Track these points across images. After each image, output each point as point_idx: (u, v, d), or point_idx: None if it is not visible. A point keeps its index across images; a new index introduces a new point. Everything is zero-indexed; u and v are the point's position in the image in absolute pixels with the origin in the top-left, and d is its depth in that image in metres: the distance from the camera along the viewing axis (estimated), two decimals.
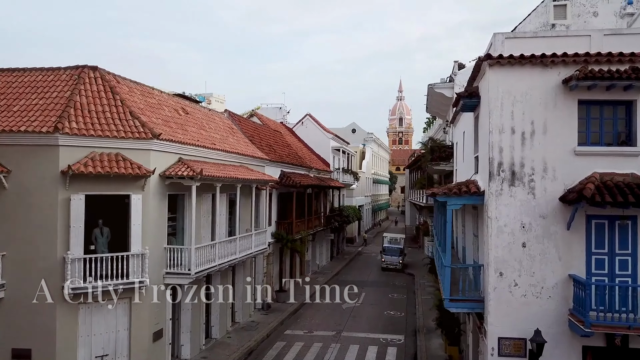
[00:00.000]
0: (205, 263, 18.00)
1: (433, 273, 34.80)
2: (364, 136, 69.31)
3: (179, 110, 20.96)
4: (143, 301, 16.04)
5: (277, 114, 44.37)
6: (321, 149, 43.67)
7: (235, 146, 23.37)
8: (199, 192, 18.65)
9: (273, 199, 27.99)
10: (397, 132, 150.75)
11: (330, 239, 41.78)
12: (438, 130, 34.97)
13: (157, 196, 16.61)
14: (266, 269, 27.25)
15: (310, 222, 32.65)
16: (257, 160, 25.26)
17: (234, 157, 22.45)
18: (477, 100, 13.81)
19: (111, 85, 17.00)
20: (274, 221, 28.32)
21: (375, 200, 75.62)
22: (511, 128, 12.13)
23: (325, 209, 39.24)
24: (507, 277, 12.04)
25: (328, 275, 36.45)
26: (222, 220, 21.13)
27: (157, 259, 16.65)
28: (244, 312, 23.99)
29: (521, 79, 12.11)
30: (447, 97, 26.07)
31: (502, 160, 12.14)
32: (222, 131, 24.17)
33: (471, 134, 15.84)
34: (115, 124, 15.87)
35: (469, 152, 16.50)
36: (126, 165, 15.29)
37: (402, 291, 31.95)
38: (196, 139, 19.48)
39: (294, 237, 28.11)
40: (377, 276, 37.37)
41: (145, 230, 16.04)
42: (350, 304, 28.12)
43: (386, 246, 40.21)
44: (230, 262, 20.16)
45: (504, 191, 12.13)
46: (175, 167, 17.13)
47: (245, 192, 23.02)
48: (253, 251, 22.53)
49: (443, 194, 12.96)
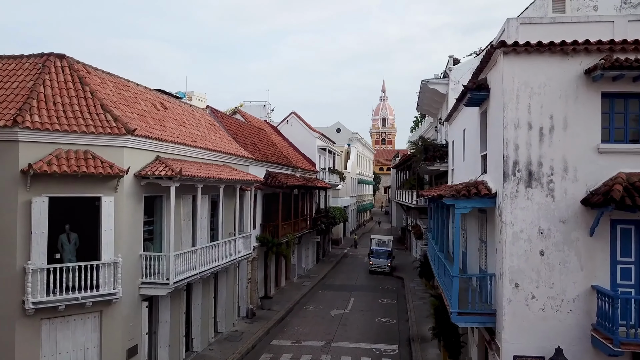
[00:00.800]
0: (185, 271, 16.47)
1: (424, 277, 33.78)
2: (348, 136, 68.19)
3: (157, 105, 19.36)
4: (115, 315, 14.45)
5: (261, 112, 42.83)
6: (307, 148, 42.28)
7: (217, 144, 21.84)
8: (179, 194, 17.11)
9: (258, 200, 26.51)
10: (380, 133, 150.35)
11: (316, 242, 40.42)
12: (428, 129, 33.90)
13: (131, 198, 15.03)
14: (250, 274, 25.75)
15: (296, 224, 31.24)
16: (241, 159, 23.76)
17: (216, 155, 20.93)
18: (486, 93, 12.61)
19: (80, 76, 15.35)
20: (259, 224, 26.83)
21: (360, 200, 74.55)
22: (528, 123, 10.93)
23: (311, 210, 37.87)
24: (524, 289, 10.84)
25: (314, 279, 35.08)
26: (204, 224, 19.61)
27: (131, 268, 15.07)
28: (227, 321, 22.47)
29: (539, 68, 10.93)
30: (440, 94, 24.95)
31: (518, 159, 10.93)
32: (204, 128, 22.61)
33: (475, 130, 14.64)
34: (84, 117, 14.24)
35: (472, 151, 15.31)
36: (96, 164, 13.69)
37: (392, 296, 30.76)
38: (175, 135, 17.92)
39: (279, 240, 26.67)
40: (366, 280, 36.14)
41: (118, 236, 14.45)
42: (339, 310, 26.80)
43: (374, 248, 39.01)
44: (212, 270, 18.65)
45: (520, 193, 10.92)
46: (152, 166, 15.57)
47: (229, 194, 21.52)
48: (237, 257, 21.03)
49: (451, 196, 11.70)
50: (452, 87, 23.62)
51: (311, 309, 27.21)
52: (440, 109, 28.02)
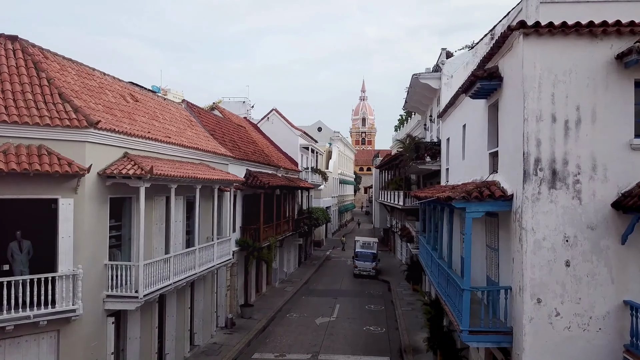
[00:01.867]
0: (157, 282, 14.70)
1: (411, 281, 32.55)
2: (330, 135, 66.75)
3: (127, 97, 17.50)
4: (75, 334, 12.62)
5: (240, 109, 40.98)
6: (289, 146, 40.63)
7: (194, 141, 20.07)
8: (150, 195, 15.34)
9: (238, 201, 24.79)
10: (360, 132, 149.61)
11: (298, 244, 38.80)
12: (416, 127, 32.63)
13: (95, 200, 13.21)
14: (230, 281, 24.02)
15: (278, 226, 29.58)
16: (220, 157, 22.02)
17: (192, 153, 19.16)
18: (497, 83, 11.22)
19: (35, 60, 13.45)
20: (239, 227, 25.11)
21: (341, 201, 73.20)
22: (552, 115, 9.57)
23: (293, 211, 36.24)
24: (547, 305, 9.47)
25: (297, 284, 33.47)
26: (179, 228, 17.84)
27: (95, 279, 13.25)
28: (205, 333, 20.70)
29: (564, 53, 9.58)
30: (432, 89, 23.64)
31: (540, 156, 9.57)
32: (179, 123, 20.80)
33: (481, 125, 13.28)
34: (38, 108, 12.37)
35: (476, 148, 13.95)
36: (52, 161, 11.84)
37: (379, 301, 29.35)
38: (147, 130, 16.11)
39: (261, 244, 24.98)
40: (350, 284, 34.68)
41: (79, 243, 12.62)
42: (325, 318, 25.26)
43: (359, 251, 37.58)
44: (188, 279, 16.90)
45: (543, 195, 9.55)
46: (119, 164, 13.77)
47: (206, 195, 19.78)
48: (215, 264, 19.30)
49: (462, 198, 10.27)
50: (445, 81, 22.32)
51: (295, 317, 25.61)
52: (430, 105, 26.76)
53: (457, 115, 17.46)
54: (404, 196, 31.17)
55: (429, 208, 18.51)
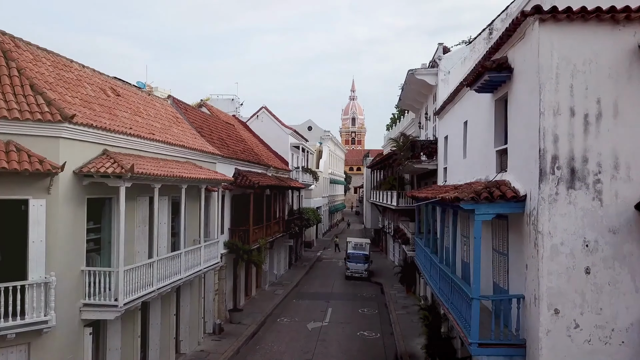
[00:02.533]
0: (139, 289, 13.69)
1: (405, 283, 31.76)
2: (320, 134, 65.97)
3: (107, 91, 16.44)
4: (48, 346, 11.57)
5: (229, 106, 39.88)
6: (279, 145, 39.65)
7: (180, 138, 19.04)
8: (132, 195, 14.34)
9: (226, 202, 23.79)
10: (350, 132, 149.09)
11: (289, 245, 37.85)
12: (410, 126, 31.84)
13: (70, 201, 12.17)
14: (218, 285, 23.02)
15: (268, 228, 28.60)
16: (207, 155, 21.01)
17: (178, 150, 18.15)
18: (507, 74, 10.41)
19: (5, 49, 12.36)
20: (228, 228, 24.11)
21: (332, 201, 72.35)
22: (570, 109, 8.76)
23: (283, 212, 35.30)
24: (565, 316, 8.66)
25: (288, 287, 32.52)
26: (163, 231, 16.82)
27: (70, 287, 12.21)
28: (192, 340, 19.68)
29: (583, 41, 8.78)
30: (428, 85, 22.83)
31: (558, 153, 8.75)
32: (164, 120, 19.76)
33: (486, 121, 12.47)
34: (6, 100, 11.30)
35: (480, 146, 13.14)
36: (21, 158, 10.80)
37: (373, 305, 28.51)
38: (128, 126, 15.08)
39: (250, 247, 24.00)
40: (342, 286, 33.81)
41: (52, 248, 11.58)
42: (317, 323, 24.36)
43: (351, 252, 36.71)
44: (173, 284, 15.89)
45: (560, 196, 8.74)
46: (97, 162, 12.73)
47: (193, 195, 18.78)
48: (202, 268, 18.30)
49: (470, 199, 9.42)
50: (442, 77, 21.53)
51: (286, 321, 24.67)
52: (425, 103, 25.97)
53: (457, 112, 16.66)
54: (397, 196, 30.38)
55: (427, 209, 17.70)
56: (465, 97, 15.27)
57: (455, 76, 21.34)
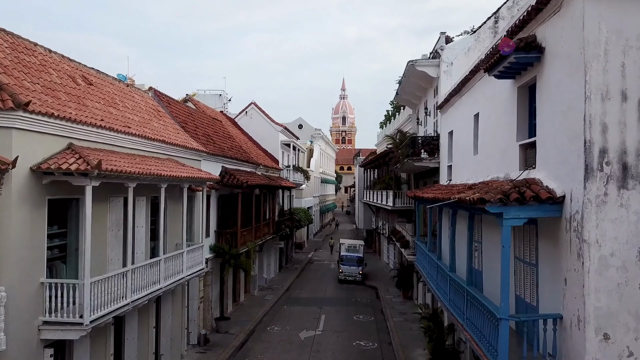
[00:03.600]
0: (110, 302, 12.01)
1: (401, 287, 30.31)
2: (311, 132, 64.36)
3: (77, 79, 14.71)
4: None
5: (217, 102, 38.11)
6: (269, 143, 38.01)
7: (161, 133, 17.36)
8: (104, 196, 12.67)
9: (212, 202, 22.13)
10: (340, 131, 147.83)
11: (279, 247, 36.22)
12: (406, 122, 30.38)
13: (26, 203, 10.47)
14: (203, 292, 21.35)
15: (258, 230, 26.96)
16: (191, 152, 19.34)
17: (158, 146, 16.47)
18: (536, 55, 8.93)
19: None
20: (214, 231, 22.44)
21: (323, 201, 70.80)
22: (622, 92, 7.30)
23: (274, 213, 33.67)
24: (616, 342, 7.20)
25: (278, 291, 30.90)
26: (141, 235, 15.14)
27: (27, 302, 10.50)
28: (174, 353, 18.00)
29: (637, 10, 7.31)
30: (429, 78, 21.36)
31: (607, 146, 7.28)
32: (144, 113, 18.05)
33: (504, 112, 11.00)
34: None
35: (496, 140, 11.67)
36: None
37: (368, 311, 26.98)
38: (99, 117, 13.38)
39: (238, 250, 22.35)
40: (336, 290, 32.25)
41: (3, 257, 9.88)
42: (310, 332, 22.78)
43: (344, 255, 35.16)
44: (151, 295, 14.22)
45: (610, 197, 7.27)
46: (60, 158, 11.03)
47: (175, 195, 17.13)
48: (185, 275, 16.64)
49: (498, 200, 7.91)
50: (445, 69, 20.06)
51: (276, 330, 23.06)
52: (424, 97, 24.50)
53: (466, 104, 15.20)
54: (393, 196, 28.93)
55: (432, 211, 16.22)
56: (476, 87, 13.81)
57: (459, 67, 19.89)
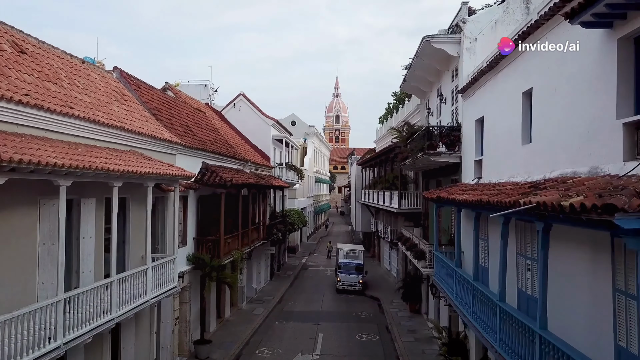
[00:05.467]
0: (32, 347, 8.57)
1: (408, 300, 27.02)
2: (304, 129, 60.97)
3: (3, 44, 11.22)
4: None
5: (202, 93, 34.62)
6: (259, 138, 34.57)
7: (121, 118, 13.91)
8: (31, 198, 9.24)
9: (190, 205, 18.69)
10: (334, 130, 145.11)
11: (270, 253, 32.78)
12: (414, 113, 27.07)
13: None
14: (179, 312, 17.91)
15: (246, 236, 23.55)
16: (163, 144, 15.94)
17: (115, 134, 13.06)
18: None
19: None
20: (193, 238, 19.01)
21: (317, 201, 67.43)
22: None
23: (264, 215, 30.26)
24: None
25: (269, 304, 27.48)
26: (89, 249, 11.68)
27: None
28: None
29: None
30: (447, 58, 18.11)
31: None
32: (101, 94, 14.61)
33: (593, 78, 7.71)
34: None
35: (571, 120, 8.38)
36: None
37: (372, 328, 23.63)
38: (24, 92, 9.92)
39: (221, 261, 18.91)
40: (334, 302, 28.86)
41: None
42: (306, 356, 19.39)
43: (342, 262, 31.78)
44: (99, 330, 10.77)
45: None
46: None
47: (139, 196, 13.69)
48: (150, 298, 13.20)
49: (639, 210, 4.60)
50: (467, 46, 16.79)
51: (267, 353, 19.65)
52: (437, 83, 21.21)
53: (506, 81, 11.92)
54: (399, 197, 25.65)
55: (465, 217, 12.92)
56: (526, 57, 10.53)
57: (484, 45, 16.68)
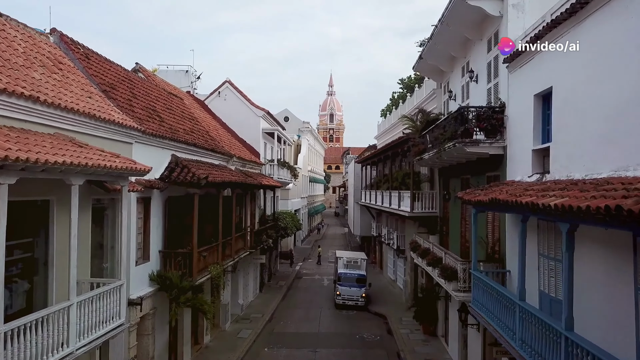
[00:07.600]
0: None
1: (422, 320, 23.17)
2: (298, 126, 56.96)
3: None
4: None
5: (183, 80, 30.49)
6: (247, 131, 30.49)
7: (40, 88, 9.84)
8: None
9: (154, 209, 14.62)
10: (328, 129, 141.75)
11: (260, 263, 28.71)
12: (430, 99, 23.12)
13: None
14: (137, 347, 13.84)
15: (228, 246, 19.49)
16: (110, 128, 11.88)
17: (26, 108, 8.98)
18: None
19: None
20: (158, 251, 14.96)
21: (311, 202, 63.46)
22: None
23: (253, 219, 26.22)
24: None
25: (258, 323, 23.44)
26: None
27: None
28: None
29: None
30: (485, 19, 14.23)
31: None
32: (20, 57, 10.52)
33: None
34: None
35: None
36: None
37: (380, 355, 19.66)
38: None
39: (194, 281, 14.84)
40: (333, 320, 24.85)
41: None
42: None
43: (342, 272, 27.78)
44: None
45: None
46: None
47: (69, 200, 9.58)
48: (76, 348, 9.09)
49: None
50: (514, 2, 12.92)
51: None
52: (463, 59, 17.30)
53: (605, 26, 8.02)
54: (411, 199, 21.71)
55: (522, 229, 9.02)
56: None
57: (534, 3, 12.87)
